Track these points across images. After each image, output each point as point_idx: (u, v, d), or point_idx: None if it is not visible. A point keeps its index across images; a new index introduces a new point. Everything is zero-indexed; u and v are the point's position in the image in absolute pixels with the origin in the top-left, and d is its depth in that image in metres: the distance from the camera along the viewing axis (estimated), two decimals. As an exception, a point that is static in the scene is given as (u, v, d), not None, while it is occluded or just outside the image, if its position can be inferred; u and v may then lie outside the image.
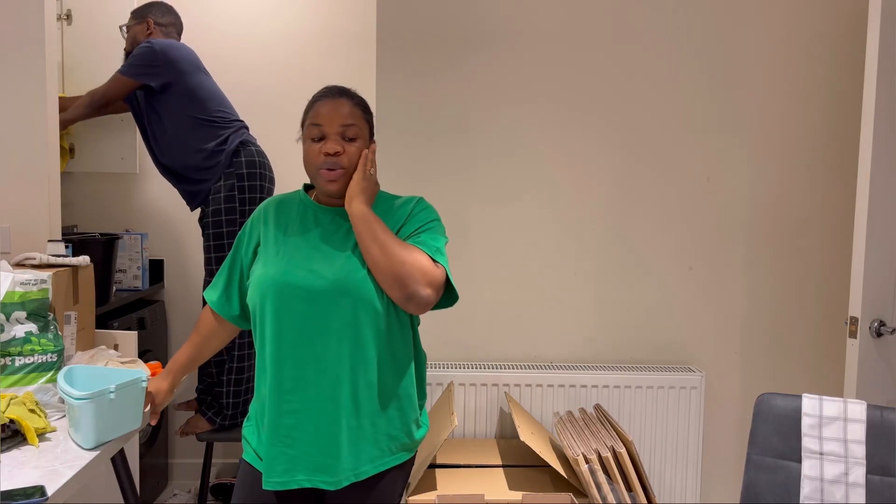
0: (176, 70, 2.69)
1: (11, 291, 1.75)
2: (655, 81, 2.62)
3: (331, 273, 1.54)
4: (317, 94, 1.66)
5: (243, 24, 3.31)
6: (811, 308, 2.70)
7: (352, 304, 1.53)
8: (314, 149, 1.59)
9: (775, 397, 1.75)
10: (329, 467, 1.54)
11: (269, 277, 1.56)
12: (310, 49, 3.34)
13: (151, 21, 2.83)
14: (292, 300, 1.54)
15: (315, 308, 1.53)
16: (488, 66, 2.59)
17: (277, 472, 1.54)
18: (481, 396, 2.56)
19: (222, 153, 2.66)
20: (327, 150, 1.57)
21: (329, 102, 1.61)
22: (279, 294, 1.54)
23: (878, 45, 2.05)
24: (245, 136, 2.74)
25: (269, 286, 1.55)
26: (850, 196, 2.58)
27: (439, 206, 2.66)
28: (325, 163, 1.57)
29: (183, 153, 2.70)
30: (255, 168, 2.66)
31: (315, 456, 1.53)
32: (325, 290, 1.53)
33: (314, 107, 1.62)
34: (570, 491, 2.16)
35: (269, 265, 1.59)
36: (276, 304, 1.55)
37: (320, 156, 1.58)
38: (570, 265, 2.66)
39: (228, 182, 2.63)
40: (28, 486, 1.33)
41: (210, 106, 2.72)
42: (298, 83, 3.32)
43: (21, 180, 2.32)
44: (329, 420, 1.53)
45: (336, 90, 1.65)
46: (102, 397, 1.54)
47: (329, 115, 1.59)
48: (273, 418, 1.55)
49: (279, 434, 1.54)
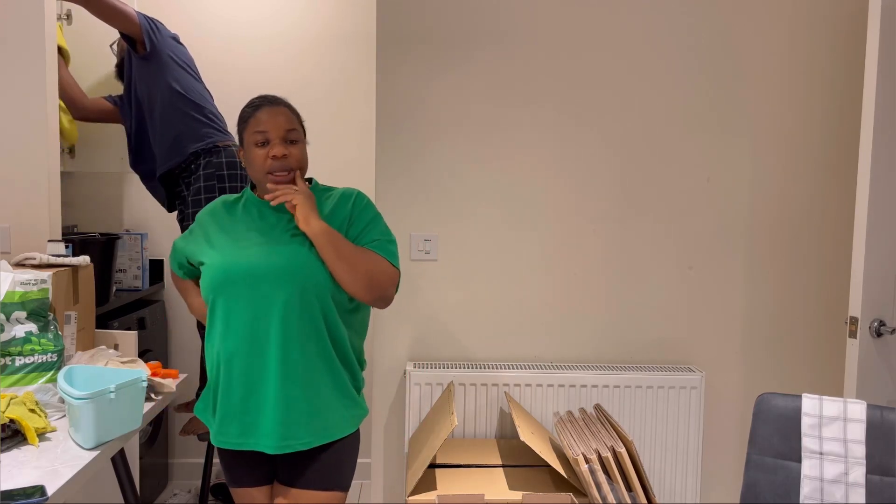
0: (171, 58, 2.73)
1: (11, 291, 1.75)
2: (656, 81, 2.62)
3: (277, 260, 1.69)
4: (253, 103, 1.81)
5: (243, 28, 3.32)
6: (811, 308, 2.70)
7: (297, 286, 1.67)
8: (260, 154, 1.74)
9: (775, 397, 1.75)
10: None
11: (218, 266, 1.71)
12: (310, 51, 3.34)
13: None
14: (240, 284, 1.69)
15: (259, 292, 1.68)
16: (488, 67, 2.59)
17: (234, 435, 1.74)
18: (481, 396, 2.56)
19: (201, 150, 2.72)
20: (275, 154, 1.72)
21: (269, 110, 1.76)
22: (228, 280, 1.70)
23: (878, 45, 2.05)
24: (227, 139, 2.78)
25: (218, 274, 1.71)
26: (850, 196, 2.58)
27: (439, 206, 2.67)
28: (273, 166, 1.73)
29: (170, 136, 2.74)
30: (236, 169, 2.71)
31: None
32: (271, 274, 1.68)
33: (255, 115, 1.77)
34: (570, 491, 2.16)
35: (218, 256, 1.74)
36: (226, 290, 1.70)
37: (267, 160, 1.73)
38: (569, 265, 2.66)
39: (209, 184, 2.68)
40: (28, 486, 1.34)
41: (196, 100, 2.76)
42: (299, 85, 3.33)
43: (21, 180, 2.33)
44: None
45: (272, 98, 1.82)
46: (102, 397, 1.54)
47: (271, 121, 1.75)
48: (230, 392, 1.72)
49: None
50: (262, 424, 1.69)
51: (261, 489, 1.80)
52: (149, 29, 2.69)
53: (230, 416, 1.71)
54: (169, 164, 2.75)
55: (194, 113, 2.74)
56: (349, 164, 3.29)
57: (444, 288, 2.64)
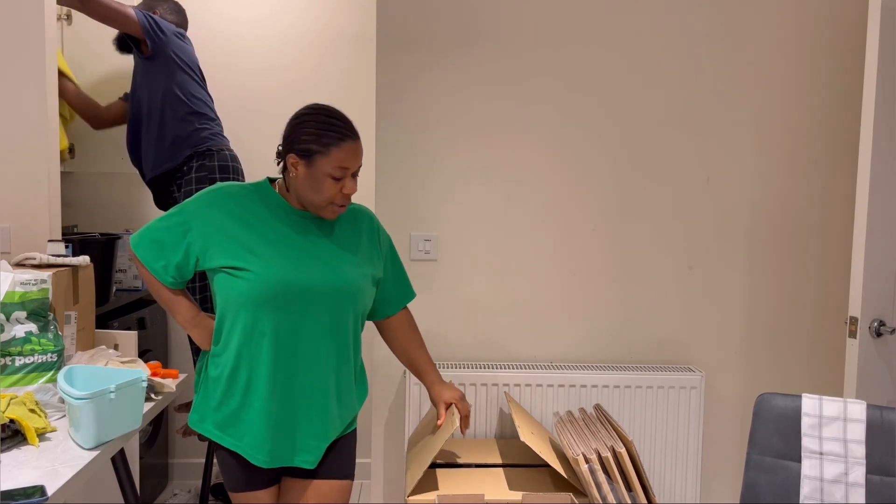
0: (174, 59, 2.71)
1: (11, 291, 1.75)
2: (655, 81, 2.62)
3: (332, 278, 1.70)
4: (336, 126, 1.67)
5: (244, 28, 3.32)
6: (811, 308, 2.70)
7: (349, 307, 1.73)
8: (333, 186, 1.67)
9: (775, 397, 1.75)
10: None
11: (276, 276, 1.65)
12: (310, 52, 3.34)
13: (159, 14, 2.83)
14: (294, 300, 1.67)
15: (313, 309, 1.69)
16: (489, 67, 2.59)
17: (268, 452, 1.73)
18: (481, 396, 2.56)
19: (196, 151, 2.70)
20: (349, 192, 1.70)
21: (355, 147, 1.69)
22: (284, 294, 1.66)
23: (878, 46, 2.05)
24: (222, 143, 2.78)
25: (274, 284, 1.65)
26: (850, 196, 2.58)
27: (439, 207, 2.67)
28: (341, 200, 1.70)
29: (167, 141, 2.73)
30: (228, 173, 2.72)
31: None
32: (327, 292, 1.69)
33: (340, 146, 1.65)
34: (570, 491, 2.16)
35: (269, 262, 1.66)
36: (278, 303, 1.66)
37: (339, 194, 1.69)
38: (569, 265, 2.66)
39: (200, 186, 2.69)
40: (28, 486, 1.33)
41: (197, 108, 2.75)
42: (299, 86, 3.32)
43: (21, 180, 2.33)
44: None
45: (355, 131, 1.71)
46: (102, 397, 1.54)
47: (356, 159, 1.70)
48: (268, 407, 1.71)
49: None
50: (305, 443, 1.73)
51: (269, 490, 1.79)
52: (150, 28, 2.66)
53: (269, 438, 1.71)
54: (161, 169, 2.75)
55: (193, 118, 2.73)
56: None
57: (444, 288, 2.64)
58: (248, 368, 1.69)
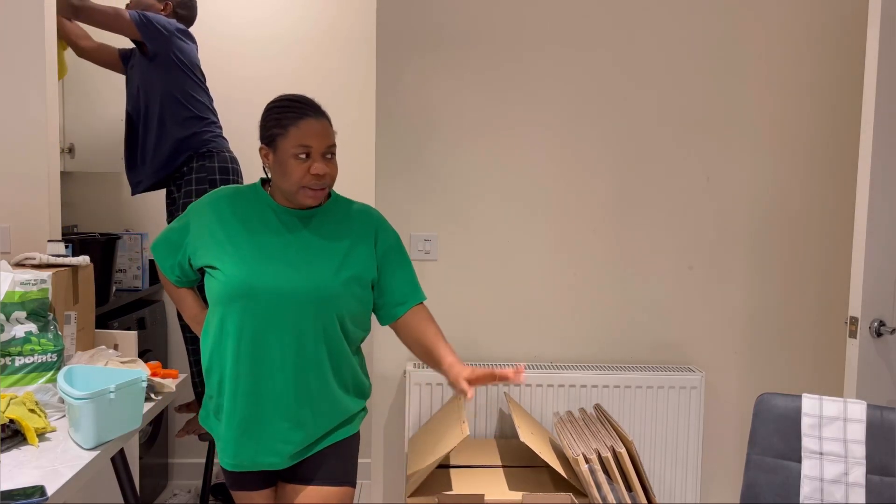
0: (175, 60, 2.70)
1: (11, 291, 1.75)
2: (655, 81, 2.62)
3: (299, 281, 1.65)
4: (294, 107, 1.68)
5: (244, 28, 3.32)
6: (811, 308, 2.70)
7: (323, 311, 1.66)
8: (299, 167, 1.64)
9: (775, 397, 1.75)
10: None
11: (240, 277, 1.64)
12: (310, 52, 3.34)
13: (171, 3, 2.81)
14: (261, 301, 1.64)
15: (278, 312, 1.64)
16: (489, 67, 2.59)
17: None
18: (481, 396, 2.56)
19: (197, 153, 2.70)
20: (317, 172, 1.65)
21: (314, 122, 1.66)
22: (246, 295, 1.63)
23: (878, 45, 2.05)
24: (222, 146, 2.78)
25: (238, 285, 1.63)
26: (850, 196, 2.58)
27: (439, 206, 2.67)
28: (311, 182, 1.65)
29: (166, 147, 2.71)
30: (228, 175, 2.71)
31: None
32: (293, 296, 1.64)
33: (297, 124, 1.65)
34: (570, 491, 2.16)
35: (238, 263, 1.66)
36: (243, 304, 1.64)
37: (307, 175, 1.64)
38: (569, 265, 2.65)
39: (200, 187, 2.68)
40: (28, 486, 1.33)
41: (198, 111, 2.74)
42: (299, 86, 3.32)
43: (21, 180, 2.33)
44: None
45: (315, 107, 1.70)
46: (102, 397, 1.54)
47: (316, 136, 1.65)
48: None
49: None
50: (271, 445, 1.68)
51: (265, 492, 1.79)
52: (146, 28, 2.65)
53: (233, 440, 1.69)
54: (159, 175, 2.74)
55: (193, 123, 2.72)
56: (349, 163, 3.28)
57: (444, 288, 2.64)
58: (219, 369, 1.70)
